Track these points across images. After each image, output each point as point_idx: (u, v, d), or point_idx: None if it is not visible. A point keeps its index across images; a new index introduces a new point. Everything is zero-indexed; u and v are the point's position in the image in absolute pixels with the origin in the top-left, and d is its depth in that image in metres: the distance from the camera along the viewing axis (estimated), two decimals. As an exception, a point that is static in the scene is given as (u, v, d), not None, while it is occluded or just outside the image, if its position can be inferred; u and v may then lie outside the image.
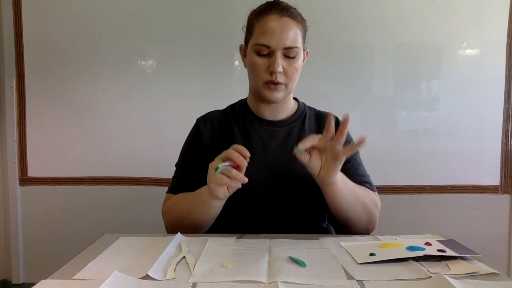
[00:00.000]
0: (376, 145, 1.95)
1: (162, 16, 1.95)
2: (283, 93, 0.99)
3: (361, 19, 1.94)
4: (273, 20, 0.94)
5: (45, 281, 0.64)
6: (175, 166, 1.08)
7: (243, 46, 1.05)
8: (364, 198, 0.97)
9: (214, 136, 1.05)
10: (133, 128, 2.00)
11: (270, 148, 1.02)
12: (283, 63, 0.95)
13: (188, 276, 0.66)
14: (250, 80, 1.03)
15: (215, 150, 0.99)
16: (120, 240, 0.86)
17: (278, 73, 0.95)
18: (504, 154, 1.97)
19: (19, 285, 2.06)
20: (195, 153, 1.04)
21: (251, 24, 0.99)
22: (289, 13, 0.95)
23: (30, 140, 2.02)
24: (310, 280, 0.64)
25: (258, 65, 0.96)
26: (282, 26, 0.93)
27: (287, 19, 0.94)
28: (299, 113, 1.09)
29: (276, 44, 0.93)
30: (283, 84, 0.97)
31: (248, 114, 1.07)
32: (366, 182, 1.05)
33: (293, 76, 0.98)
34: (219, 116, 1.09)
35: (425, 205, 1.99)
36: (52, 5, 1.96)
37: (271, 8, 0.96)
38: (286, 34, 0.93)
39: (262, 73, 0.97)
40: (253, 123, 1.06)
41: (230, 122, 1.06)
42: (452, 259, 0.72)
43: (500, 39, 1.92)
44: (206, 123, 1.07)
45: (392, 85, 1.98)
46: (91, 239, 0.86)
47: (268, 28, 0.94)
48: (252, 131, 1.04)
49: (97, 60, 1.98)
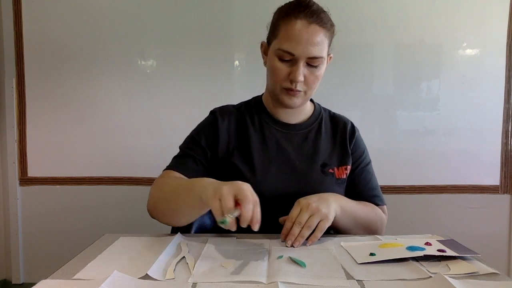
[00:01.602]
0: (376, 145, 1.95)
1: (162, 16, 1.95)
2: (301, 100, 0.97)
3: (361, 19, 1.94)
4: (301, 26, 0.88)
5: (45, 281, 0.63)
6: (180, 147, 1.04)
7: (264, 44, 1.00)
8: (366, 219, 0.97)
9: (230, 133, 1.01)
10: (133, 128, 1.99)
11: (286, 152, 1.01)
12: (305, 71, 0.92)
13: (188, 276, 0.66)
14: (268, 82, 1.00)
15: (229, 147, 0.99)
16: (120, 240, 0.86)
17: (299, 82, 0.92)
18: (504, 154, 1.97)
19: (19, 285, 2.05)
20: (206, 141, 1.00)
21: (277, 26, 0.93)
22: (319, 19, 0.90)
23: (30, 140, 2.02)
24: (310, 280, 0.64)
25: (279, 70, 0.92)
26: (310, 35, 0.88)
27: (315, 27, 0.89)
28: (315, 116, 1.07)
29: (301, 53, 0.89)
30: (302, 91, 0.95)
31: (264, 115, 1.04)
32: (376, 196, 1.05)
33: (313, 85, 0.95)
34: (235, 113, 1.04)
35: (425, 205, 1.99)
36: (52, 5, 1.96)
37: (300, 12, 0.89)
38: (313, 44, 0.88)
39: (282, 79, 0.93)
40: (269, 124, 1.03)
41: (245, 121, 1.03)
42: (452, 259, 0.72)
43: (500, 39, 1.92)
44: (223, 118, 1.02)
45: (392, 85, 1.98)
46: (91, 239, 0.86)
47: (294, 35, 0.88)
48: (268, 133, 1.02)
49: (97, 60, 1.97)
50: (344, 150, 1.05)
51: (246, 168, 0.97)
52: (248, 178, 0.96)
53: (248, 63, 1.97)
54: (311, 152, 1.02)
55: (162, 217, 0.91)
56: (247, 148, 1.00)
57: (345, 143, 1.05)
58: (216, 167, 1.00)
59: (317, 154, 1.02)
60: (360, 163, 1.07)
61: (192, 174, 0.95)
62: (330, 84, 1.95)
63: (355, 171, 1.06)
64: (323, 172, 1.00)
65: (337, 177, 1.01)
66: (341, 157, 1.04)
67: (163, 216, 0.91)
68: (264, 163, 0.98)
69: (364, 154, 1.09)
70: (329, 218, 0.84)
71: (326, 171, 1.01)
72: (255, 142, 1.00)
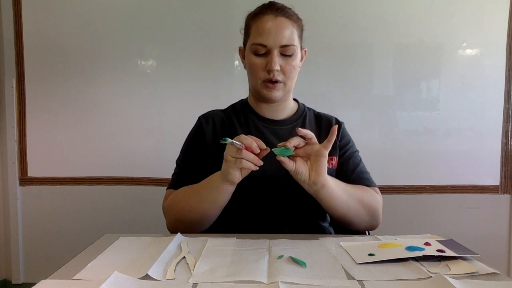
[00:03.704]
0: (376, 145, 1.95)
1: (162, 16, 1.95)
2: (282, 92, 1.00)
3: (361, 19, 1.94)
4: (269, 20, 0.96)
5: (45, 281, 0.63)
6: (176, 162, 1.08)
7: (242, 48, 1.07)
8: (361, 195, 0.97)
9: (216, 134, 1.05)
10: (133, 128, 2.00)
11: (273, 145, 1.02)
12: (280, 61, 0.97)
13: (188, 276, 0.66)
14: (249, 80, 1.05)
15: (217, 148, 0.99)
16: (120, 240, 0.86)
17: (276, 70, 0.96)
18: (504, 154, 1.97)
19: (19, 285, 2.06)
20: (197, 149, 1.05)
21: (248, 26, 1.02)
22: (284, 12, 0.98)
23: (30, 140, 2.02)
24: (311, 280, 0.64)
25: (256, 65, 0.98)
26: (278, 25, 0.96)
27: (281, 19, 0.97)
28: (299, 113, 1.10)
29: (273, 43, 0.95)
30: (281, 83, 0.99)
31: (250, 113, 1.08)
32: (366, 178, 1.06)
33: (291, 74, 0.99)
34: (221, 115, 1.09)
35: (425, 205, 1.99)
36: (52, 5, 1.96)
37: (266, 9, 0.98)
38: (282, 33, 0.95)
39: (260, 72, 0.98)
40: (255, 121, 1.06)
41: (232, 121, 1.07)
42: (452, 259, 0.72)
43: (500, 39, 1.92)
44: (208, 121, 1.07)
45: (392, 85, 1.98)
46: (91, 239, 0.86)
47: (264, 28, 0.96)
48: (254, 130, 1.05)
49: (97, 60, 1.98)
50: None
51: None
52: None
53: (248, 63, 1.97)
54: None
55: (191, 228, 0.94)
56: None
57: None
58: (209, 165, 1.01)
59: None
60: (347, 150, 1.09)
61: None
62: (330, 84, 1.95)
63: (343, 156, 1.07)
64: None
65: None
66: None
67: (191, 227, 0.94)
68: None
69: (351, 143, 1.11)
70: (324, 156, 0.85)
71: None
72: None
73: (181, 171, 1.05)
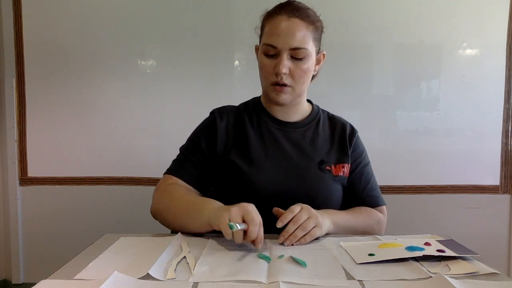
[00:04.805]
0: (376, 145, 1.95)
1: (162, 16, 1.95)
2: (290, 96, 0.98)
3: (361, 19, 1.94)
4: (282, 20, 0.93)
5: (45, 281, 0.63)
6: (180, 149, 1.06)
7: (257, 47, 1.04)
8: (362, 227, 0.98)
9: (228, 131, 1.03)
10: (133, 128, 1.99)
11: (283, 148, 1.02)
12: (290, 64, 0.94)
13: (189, 276, 0.66)
14: (261, 81, 1.03)
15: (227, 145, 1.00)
16: (120, 240, 0.86)
17: (283, 74, 0.94)
18: (504, 154, 1.97)
19: (19, 285, 2.05)
20: (205, 142, 1.02)
21: (263, 26, 0.99)
22: (299, 13, 0.94)
23: (30, 140, 2.02)
24: (311, 280, 0.64)
25: (265, 66, 0.97)
26: (290, 27, 0.92)
27: (295, 20, 0.93)
28: (313, 116, 1.08)
29: (283, 45, 0.93)
30: (290, 87, 0.97)
31: (262, 113, 1.06)
32: (375, 196, 1.07)
33: (300, 79, 0.96)
34: (234, 112, 1.07)
35: (425, 205, 1.99)
36: (52, 5, 1.95)
37: (281, 9, 0.95)
38: (293, 35, 0.92)
39: (268, 74, 0.96)
40: (267, 122, 1.05)
41: (244, 120, 1.05)
42: (452, 259, 0.72)
43: (500, 39, 1.92)
44: (222, 117, 1.04)
45: (392, 85, 1.98)
46: (91, 239, 0.86)
47: (275, 29, 0.93)
48: (265, 131, 1.03)
49: (97, 60, 1.97)
50: (342, 150, 1.05)
51: (243, 162, 0.98)
52: (246, 171, 0.97)
53: (248, 63, 1.97)
54: (309, 149, 1.03)
55: (167, 225, 0.95)
56: (244, 143, 1.01)
57: (344, 144, 1.06)
58: (215, 166, 1.02)
59: (315, 151, 1.03)
60: (359, 162, 1.08)
61: (191, 180, 0.99)
62: (330, 84, 1.95)
63: (355, 171, 1.06)
64: (320, 169, 1.01)
65: (334, 174, 1.02)
66: (339, 156, 1.05)
67: (168, 225, 0.95)
68: (261, 156, 0.99)
69: (363, 154, 1.10)
70: (322, 228, 0.85)
71: (323, 168, 1.01)
72: (253, 138, 1.02)
73: (183, 159, 1.03)
